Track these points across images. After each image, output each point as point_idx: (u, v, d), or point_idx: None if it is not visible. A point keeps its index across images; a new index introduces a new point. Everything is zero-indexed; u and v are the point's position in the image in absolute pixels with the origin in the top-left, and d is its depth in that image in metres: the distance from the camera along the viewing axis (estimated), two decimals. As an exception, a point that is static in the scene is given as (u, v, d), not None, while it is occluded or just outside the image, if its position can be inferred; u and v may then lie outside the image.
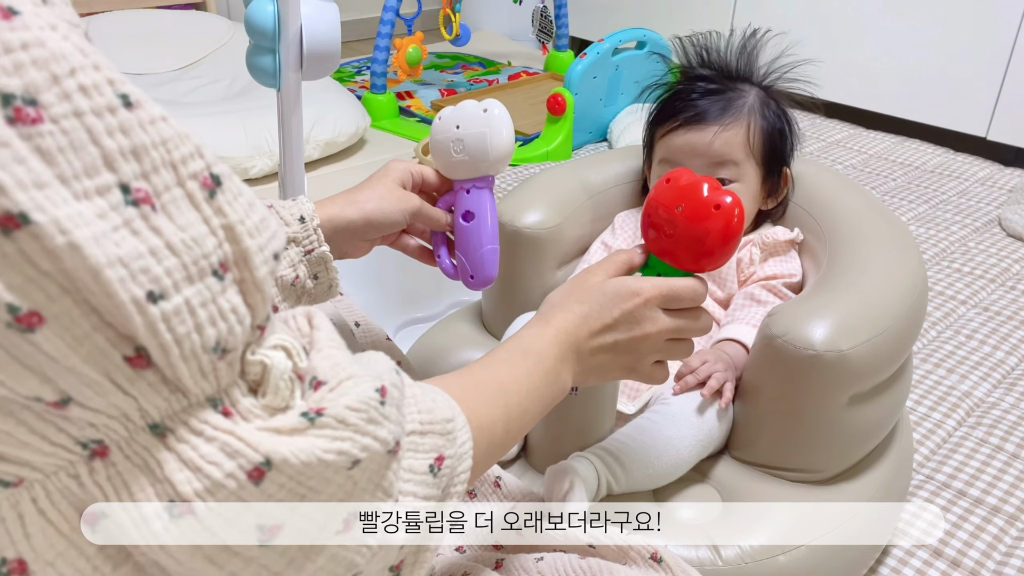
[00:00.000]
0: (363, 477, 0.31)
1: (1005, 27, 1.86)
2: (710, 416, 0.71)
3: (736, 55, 0.84)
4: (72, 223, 0.22)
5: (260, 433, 0.27)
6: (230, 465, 0.26)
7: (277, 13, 0.93)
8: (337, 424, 0.29)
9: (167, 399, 0.26)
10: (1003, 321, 1.27)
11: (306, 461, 0.27)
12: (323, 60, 0.98)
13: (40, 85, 0.22)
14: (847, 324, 0.67)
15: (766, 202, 0.85)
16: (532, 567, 0.53)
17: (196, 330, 0.25)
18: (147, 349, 0.24)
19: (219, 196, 0.26)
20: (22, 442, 0.24)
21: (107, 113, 0.24)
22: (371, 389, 0.30)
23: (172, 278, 0.25)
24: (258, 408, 0.28)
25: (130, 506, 0.26)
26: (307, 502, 0.29)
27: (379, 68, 1.96)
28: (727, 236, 0.51)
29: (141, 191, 0.24)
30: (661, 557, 0.52)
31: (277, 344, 0.29)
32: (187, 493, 0.26)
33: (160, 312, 0.24)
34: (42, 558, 0.26)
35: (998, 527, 0.87)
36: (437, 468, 0.36)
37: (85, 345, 0.23)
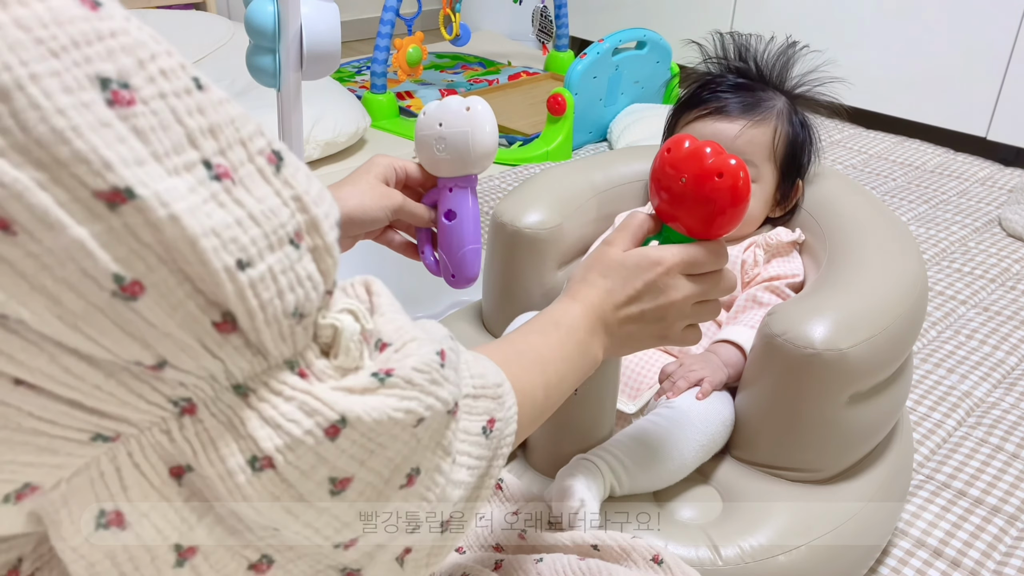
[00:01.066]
0: (426, 435, 0.32)
1: (1005, 27, 1.86)
2: (714, 419, 0.71)
3: (772, 61, 0.84)
4: (170, 196, 0.24)
5: (335, 393, 0.29)
6: (308, 423, 0.28)
7: (277, 13, 0.93)
8: (405, 384, 0.30)
9: (250, 361, 0.27)
10: (1003, 321, 1.27)
11: (378, 419, 0.29)
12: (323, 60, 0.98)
13: (130, 69, 0.24)
14: (847, 323, 0.67)
15: (775, 210, 0.85)
16: (531, 568, 0.53)
17: (278, 296, 0.27)
18: (234, 314, 0.26)
19: (284, 170, 0.28)
20: (122, 400, 0.26)
21: (185, 94, 0.25)
22: (432, 352, 0.32)
23: (257, 247, 0.26)
24: (331, 369, 0.30)
25: (216, 460, 0.27)
26: (376, 456, 0.30)
27: (379, 68, 1.96)
28: (734, 203, 0.51)
29: (221, 166, 0.26)
30: (662, 558, 0.52)
31: (344, 308, 0.31)
32: (268, 449, 0.28)
33: (248, 279, 0.26)
34: (137, 509, 0.28)
35: (998, 527, 0.87)
36: (489, 430, 0.37)
37: (179, 311, 0.25)
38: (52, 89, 0.22)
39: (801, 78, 0.86)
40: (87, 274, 0.23)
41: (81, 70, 0.23)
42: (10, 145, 0.22)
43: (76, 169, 0.23)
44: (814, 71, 0.86)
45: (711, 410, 0.71)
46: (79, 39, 0.23)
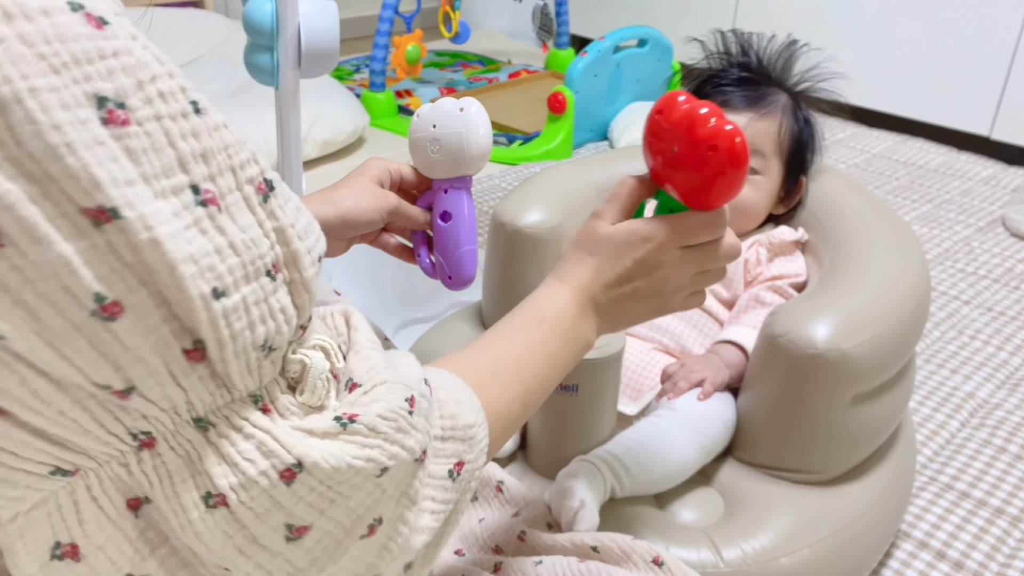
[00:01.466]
0: (391, 485, 0.32)
1: (1008, 25, 1.86)
2: (716, 420, 0.70)
3: (774, 58, 0.84)
4: (155, 220, 0.24)
5: (295, 433, 0.29)
6: (264, 464, 0.28)
7: (275, 11, 0.92)
8: (368, 432, 0.30)
9: (212, 393, 0.27)
10: (1007, 321, 1.26)
11: (336, 466, 0.29)
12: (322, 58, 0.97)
13: (128, 90, 0.24)
14: (849, 323, 0.66)
15: (778, 207, 0.85)
16: (531, 571, 0.52)
17: (249, 327, 0.27)
18: (205, 343, 0.26)
19: (272, 200, 0.28)
20: (84, 429, 0.26)
21: (181, 118, 0.26)
22: (401, 398, 0.31)
23: (233, 276, 0.26)
24: (295, 406, 0.30)
25: (171, 495, 0.27)
26: (337, 506, 0.30)
27: (378, 66, 1.96)
28: (732, 175, 0.46)
29: (209, 192, 0.26)
30: (662, 560, 0.51)
31: (317, 344, 0.30)
32: (222, 486, 0.27)
33: (222, 308, 0.26)
34: (93, 542, 0.28)
35: (1002, 529, 0.86)
36: (456, 473, 0.37)
37: (153, 335, 0.25)
38: (50, 104, 0.22)
39: (803, 75, 0.85)
40: (69, 291, 0.23)
41: (80, 87, 0.23)
42: (4, 157, 0.22)
43: (66, 185, 0.23)
44: (816, 68, 0.85)
45: (712, 411, 0.71)
46: (81, 57, 0.23)
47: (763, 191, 0.81)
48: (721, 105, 0.82)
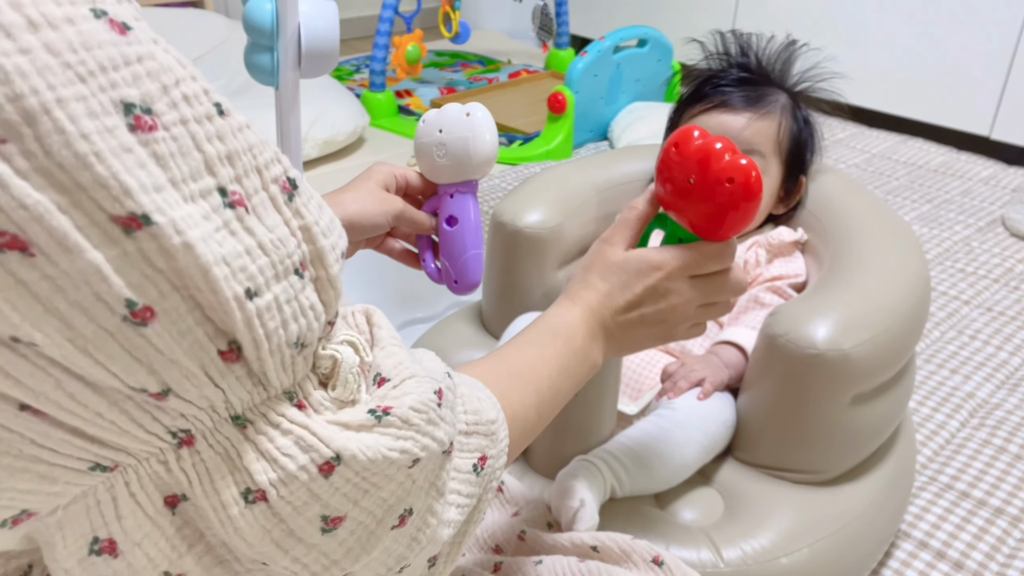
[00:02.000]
0: (421, 476, 0.32)
1: (1008, 25, 1.86)
2: (715, 420, 0.70)
3: (774, 58, 0.84)
4: (185, 224, 0.24)
5: (331, 427, 0.29)
6: (303, 459, 0.28)
7: (275, 11, 0.92)
8: (402, 424, 0.30)
9: (250, 392, 0.28)
10: (1007, 321, 1.27)
11: (372, 458, 0.29)
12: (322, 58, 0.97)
13: (154, 95, 0.24)
14: (849, 323, 0.66)
15: (777, 206, 0.85)
16: (531, 570, 0.52)
17: (282, 325, 0.27)
18: (240, 343, 0.26)
19: (296, 199, 0.28)
20: (122, 430, 0.26)
21: (206, 121, 0.26)
22: (430, 391, 0.32)
23: (264, 276, 0.27)
24: (328, 401, 0.30)
25: (211, 491, 0.28)
26: (370, 496, 0.30)
27: (378, 66, 1.96)
28: (745, 207, 0.47)
29: (236, 194, 0.26)
30: (662, 560, 0.51)
31: (344, 339, 0.31)
32: (262, 482, 0.28)
33: (255, 308, 0.26)
34: (131, 538, 0.28)
35: (1001, 529, 0.86)
36: (481, 468, 0.37)
37: (188, 339, 0.25)
38: (77, 114, 0.22)
39: (802, 75, 0.85)
40: (100, 298, 0.23)
41: (107, 95, 0.23)
42: (33, 168, 0.22)
43: (96, 194, 0.23)
44: (815, 68, 0.85)
45: (712, 411, 0.71)
46: (106, 64, 0.23)
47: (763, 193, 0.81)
48: (720, 105, 0.82)
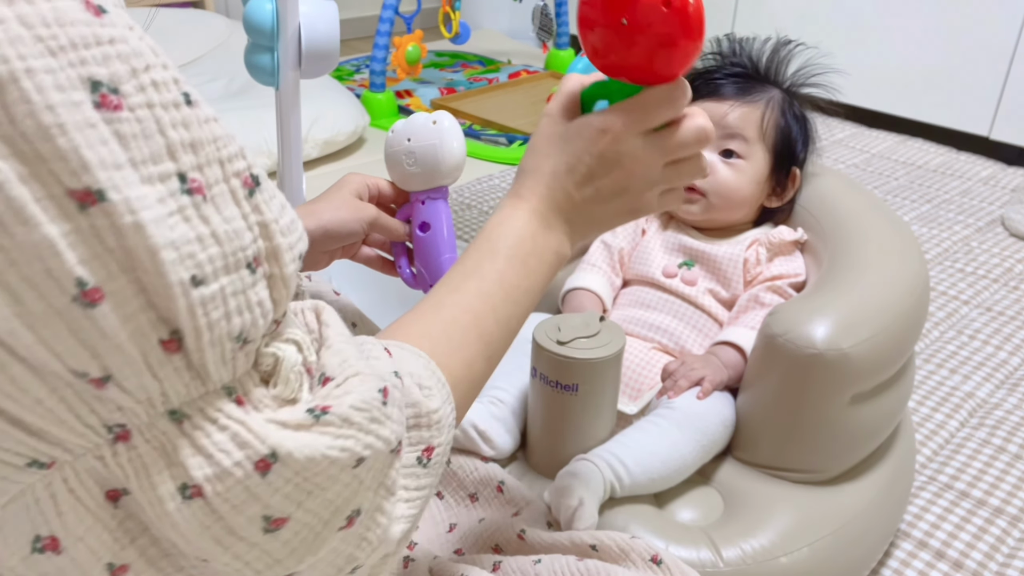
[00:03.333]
0: (368, 476, 0.32)
1: (1008, 26, 1.86)
2: (715, 420, 0.70)
3: (767, 58, 0.85)
4: (139, 204, 0.24)
5: (269, 425, 0.29)
6: (239, 455, 0.28)
7: (276, 11, 0.92)
8: (341, 422, 0.30)
9: (187, 384, 0.27)
10: (1006, 321, 1.27)
11: (310, 456, 0.29)
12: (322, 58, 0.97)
13: (122, 76, 0.25)
14: (848, 323, 0.67)
15: (770, 199, 0.85)
16: (530, 569, 0.52)
17: (226, 318, 0.27)
18: (182, 332, 0.26)
19: (257, 195, 0.28)
20: (60, 419, 0.26)
21: (172, 108, 0.26)
22: (374, 389, 0.31)
23: (213, 266, 0.26)
24: (268, 399, 0.30)
25: (147, 486, 0.27)
26: (314, 498, 0.30)
27: (378, 66, 1.96)
28: (688, 32, 0.42)
29: (196, 181, 0.26)
30: (661, 559, 0.52)
31: (289, 338, 0.31)
32: (197, 477, 0.27)
33: (200, 296, 0.26)
34: (72, 534, 0.28)
35: (1001, 528, 0.87)
36: (427, 459, 0.37)
37: (132, 324, 0.25)
38: (45, 85, 0.23)
39: (796, 75, 0.86)
40: (52, 275, 0.23)
41: (75, 71, 0.23)
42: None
43: (55, 166, 0.23)
44: (809, 65, 0.86)
45: (711, 411, 0.71)
46: (78, 41, 0.24)
47: (746, 176, 0.81)
48: (711, 94, 0.83)
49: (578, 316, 0.69)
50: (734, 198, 0.81)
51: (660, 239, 0.86)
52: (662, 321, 0.81)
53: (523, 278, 0.45)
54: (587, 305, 0.82)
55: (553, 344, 0.65)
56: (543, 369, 0.66)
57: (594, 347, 0.65)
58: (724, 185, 0.81)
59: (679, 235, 0.85)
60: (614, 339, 0.66)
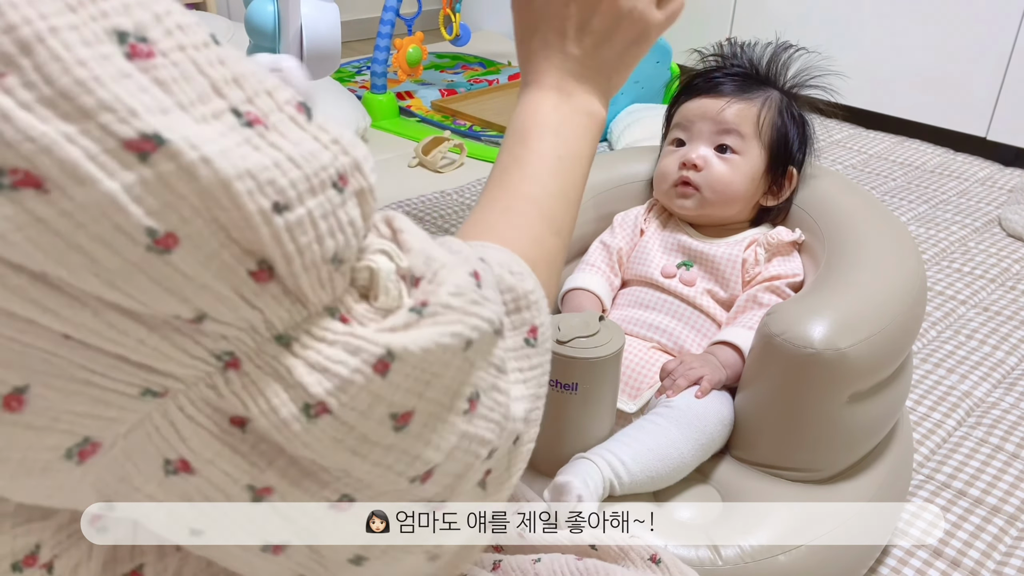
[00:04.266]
0: (477, 356, 0.32)
1: (1005, 27, 1.86)
2: (713, 418, 0.71)
3: (767, 62, 0.86)
4: (200, 140, 0.24)
5: (378, 333, 0.28)
6: (355, 361, 0.27)
7: (277, 13, 0.93)
8: (444, 310, 0.30)
9: (289, 310, 0.27)
10: (1003, 321, 1.27)
11: (425, 347, 0.28)
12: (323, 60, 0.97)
13: (147, 23, 0.24)
14: (846, 322, 0.67)
15: (766, 197, 0.85)
16: (529, 568, 0.53)
17: (317, 241, 0.26)
18: (271, 261, 0.25)
19: (317, 117, 0.28)
20: (166, 355, 0.25)
21: (204, 47, 0.25)
22: (466, 274, 0.31)
23: (296, 189, 0.26)
24: (372, 312, 0.29)
25: (268, 411, 0.27)
26: (432, 386, 0.30)
27: (379, 68, 1.96)
28: None
29: (251, 114, 0.26)
30: (660, 558, 0.52)
31: (379, 249, 0.30)
32: (319, 394, 0.27)
33: (284, 222, 0.25)
34: (201, 457, 0.27)
35: (998, 527, 0.87)
36: (533, 339, 0.36)
37: (215, 262, 0.25)
38: (72, 42, 0.22)
39: (796, 77, 0.86)
40: (121, 230, 0.23)
41: (99, 24, 0.23)
42: (37, 99, 0.22)
43: (102, 118, 0.22)
44: (809, 68, 0.86)
45: (710, 409, 0.71)
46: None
47: (740, 172, 0.82)
48: (710, 90, 0.84)
49: (577, 316, 0.69)
50: (728, 192, 0.82)
51: (659, 239, 0.86)
52: (661, 321, 0.81)
53: (562, 148, 0.45)
54: (586, 305, 0.83)
55: (552, 343, 0.66)
56: (543, 368, 0.67)
57: (593, 346, 0.66)
58: (718, 180, 0.82)
59: (678, 235, 0.86)
60: (613, 338, 0.67)
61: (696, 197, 0.82)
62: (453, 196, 1.61)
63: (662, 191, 0.86)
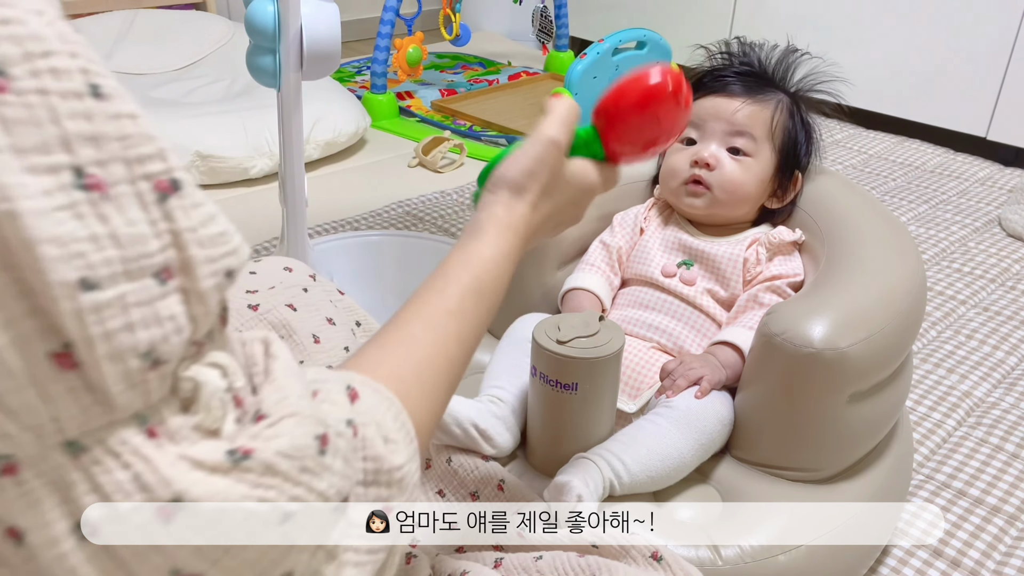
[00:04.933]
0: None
1: (1005, 27, 1.86)
2: (713, 418, 0.71)
3: (775, 64, 0.85)
4: (16, 192, 0.22)
5: (180, 464, 0.26)
6: (138, 498, 0.25)
7: (277, 13, 0.93)
8: (263, 470, 0.27)
9: (87, 410, 0.24)
10: (1003, 321, 1.27)
11: (222, 507, 0.26)
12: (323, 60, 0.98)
13: (12, 59, 0.23)
14: (846, 322, 0.67)
15: (771, 200, 0.85)
16: (531, 566, 0.53)
17: (127, 329, 0.24)
18: (75, 344, 0.23)
19: (172, 201, 0.26)
20: None
21: (73, 98, 0.24)
22: (310, 435, 0.28)
23: (110, 269, 0.24)
24: (188, 428, 0.27)
25: (40, 525, 0.24)
26: (232, 556, 0.26)
27: (379, 68, 1.96)
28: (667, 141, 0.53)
29: (94, 177, 0.24)
30: (661, 556, 0.52)
31: (212, 362, 0.28)
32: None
33: (92, 301, 0.23)
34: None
35: (998, 527, 0.87)
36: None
37: (14, 328, 0.23)
38: None
39: (802, 81, 0.86)
40: None
41: None
42: None
43: None
44: (816, 72, 0.86)
45: (710, 409, 0.71)
46: None
47: (752, 174, 0.82)
48: (720, 90, 0.83)
49: (577, 316, 0.69)
50: (739, 193, 0.82)
51: (659, 238, 0.86)
52: (661, 321, 0.81)
53: (494, 311, 0.45)
54: (586, 305, 0.83)
55: (553, 343, 0.66)
56: (543, 368, 0.67)
57: (593, 346, 0.66)
58: (730, 180, 0.81)
59: (679, 233, 0.85)
60: (613, 338, 0.67)
61: (707, 196, 0.82)
62: (453, 196, 1.61)
63: (670, 188, 0.85)
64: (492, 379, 0.74)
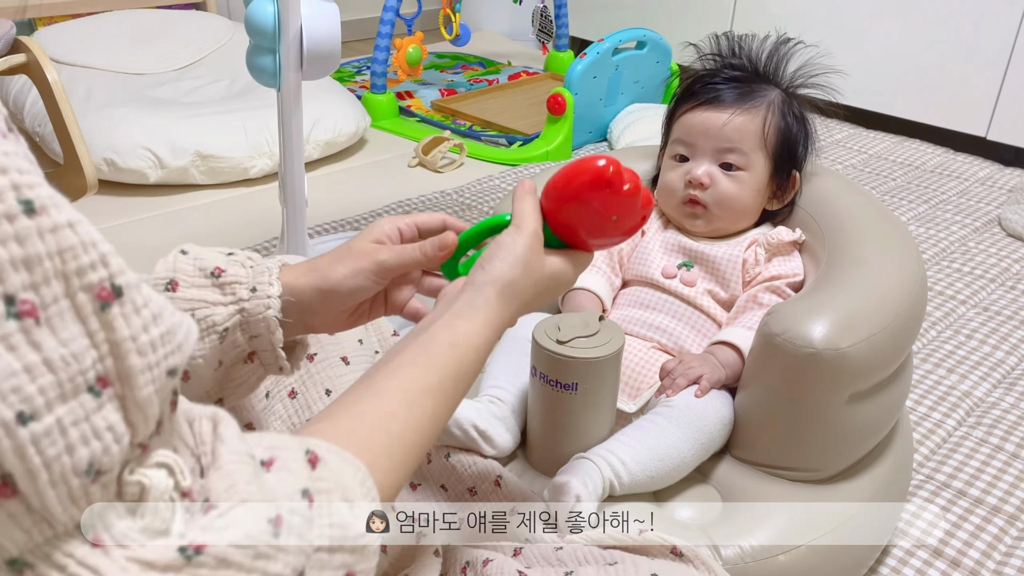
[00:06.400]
0: None
1: (1005, 26, 1.87)
2: (712, 418, 0.71)
3: (766, 57, 0.85)
4: None
5: (130, 568, 0.25)
6: None
7: (277, 13, 0.93)
8: (217, 564, 0.26)
9: (29, 531, 0.24)
10: (1003, 321, 1.27)
11: None
12: (323, 60, 0.98)
13: None
14: (846, 322, 0.67)
15: (771, 202, 0.85)
16: (552, 555, 0.52)
17: (67, 451, 0.24)
18: (14, 476, 0.23)
19: (113, 309, 0.25)
20: None
21: (4, 221, 0.23)
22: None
23: (45, 396, 0.23)
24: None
25: None
26: None
27: (379, 68, 1.96)
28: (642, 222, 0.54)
29: (27, 303, 0.23)
30: (681, 551, 0.52)
31: (158, 462, 0.27)
32: None
33: (30, 434, 0.23)
34: None
35: (998, 527, 0.87)
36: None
37: None
38: None
39: (796, 73, 0.86)
40: None
41: None
42: None
43: None
44: (808, 64, 0.86)
45: (710, 409, 0.71)
46: None
47: (747, 186, 0.82)
48: (711, 101, 0.83)
49: (578, 316, 0.69)
50: (736, 208, 0.82)
51: (659, 240, 0.86)
52: (661, 321, 0.81)
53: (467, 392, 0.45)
54: (586, 305, 0.83)
55: (553, 343, 0.66)
56: (543, 368, 0.67)
57: (593, 346, 0.66)
58: (726, 197, 0.82)
59: (679, 235, 0.86)
60: (613, 338, 0.67)
61: (705, 216, 0.83)
62: (453, 196, 1.61)
63: (671, 206, 0.86)
64: (492, 379, 0.74)
